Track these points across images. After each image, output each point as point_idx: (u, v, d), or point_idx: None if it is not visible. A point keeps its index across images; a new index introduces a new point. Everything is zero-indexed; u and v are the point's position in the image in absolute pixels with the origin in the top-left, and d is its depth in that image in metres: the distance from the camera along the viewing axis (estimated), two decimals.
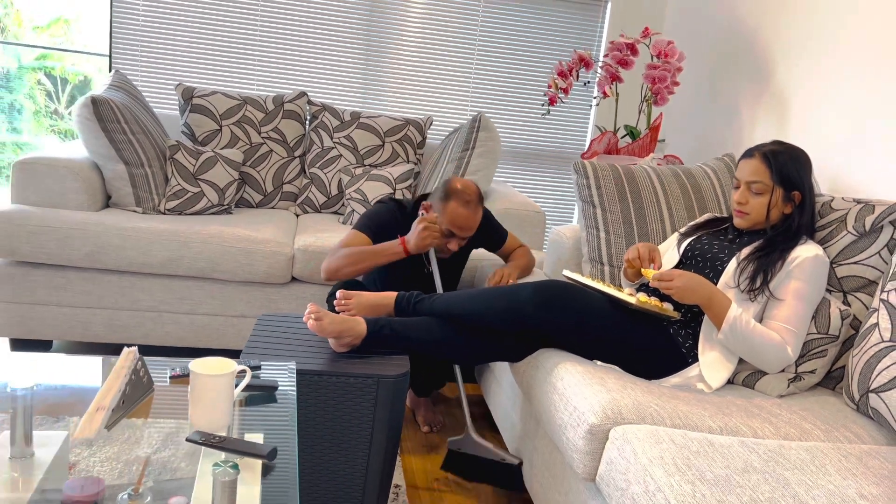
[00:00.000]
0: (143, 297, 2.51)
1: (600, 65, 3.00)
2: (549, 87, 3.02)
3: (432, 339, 1.77)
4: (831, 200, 1.88)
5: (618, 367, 1.72)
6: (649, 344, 1.72)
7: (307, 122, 3.17)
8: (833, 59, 2.33)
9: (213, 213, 2.78)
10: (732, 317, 1.64)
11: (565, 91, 3.00)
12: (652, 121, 3.00)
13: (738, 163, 1.84)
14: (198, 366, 1.16)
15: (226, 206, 2.82)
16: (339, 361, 1.67)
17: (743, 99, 2.85)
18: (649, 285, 1.88)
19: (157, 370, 1.36)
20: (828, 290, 1.80)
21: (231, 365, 1.18)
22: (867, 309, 1.74)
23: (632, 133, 3.06)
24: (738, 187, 1.82)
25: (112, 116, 2.59)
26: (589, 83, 3.58)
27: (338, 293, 1.86)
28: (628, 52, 2.91)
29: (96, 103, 2.56)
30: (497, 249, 2.40)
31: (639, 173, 2.23)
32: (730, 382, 1.76)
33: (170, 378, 1.33)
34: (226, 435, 1.11)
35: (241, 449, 1.06)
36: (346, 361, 1.68)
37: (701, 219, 2.01)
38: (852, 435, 1.51)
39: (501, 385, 2.18)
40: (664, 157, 2.91)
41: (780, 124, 2.59)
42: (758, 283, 1.69)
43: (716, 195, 2.24)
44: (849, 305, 1.76)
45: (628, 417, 1.43)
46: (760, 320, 1.72)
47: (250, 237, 2.53)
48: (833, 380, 1.77)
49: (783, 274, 1.70)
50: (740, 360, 1.74)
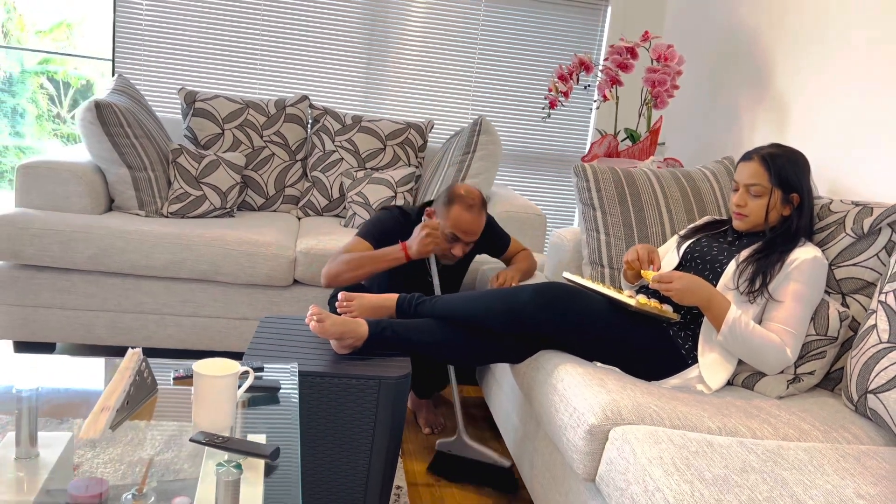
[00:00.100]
0: (145, 300, 2.53)
1: (600, 68, 3.02)
2: (550, 90, 3.04)
3: (433, 340, 1.78)
4: (830, 203, 1.89)
5: (618, 369, 1.73)
6: (649, 345, 1.73)
7: (309, 126, 3.19)
8: (832, 62, 2.34)
9: (215, 217, 2.80)
10: (732, 318, 1.65)
11: (565, 94, 3.01)
12: (652, 124, 3.01)
13: (736, 165, 1.85)
14: (201, 367, 1.17)
15: (228, 210, 2.83)
16: (340, 363, 1.68)
17: (742, 102, 2.86)
18: (649, 287, 1.89)
19: (160, 372, 1.37)
20: (826, 292, 1.81)
21: (234, 366, 1.19)
22: (865, 310, 1.75)
23: (632, 136, 3.07)
24: (736, 190, 1.83)
25: (115, 120, 2.61)
26: (589, 87, 3.60)
27: (339, 295, 1.87)
28: (628, 56, 2.93)
29: (100, 107, 2.58)
30: (500, 255, 2.40)
31: (639, 176, 2.24)
32: (729, 384, 1.77)
33: (173, 379, 1.34)
34: (229, 435, 1.12)
35: (244, 449, 1.07)
36: (348, 363, 1.69)
37: (700, 221, 2.02)
38: (851, 436, 1.51)
39: (502, 387, 2.18)
40: (664, 160, 2.92)
41: (779, 127, 2.60)
42: (757, 285, 1.70)
43: (715, 198, 2.24)
44: (847, 307, 1.77)
45: (628, 418, 1.44)
46: (760, 322, 1.73)
47: (252, 240, 2.54)
48: (832, 381, 1.78)
49: (782, 276, 1.71)
50: (740, 362, 1.74)
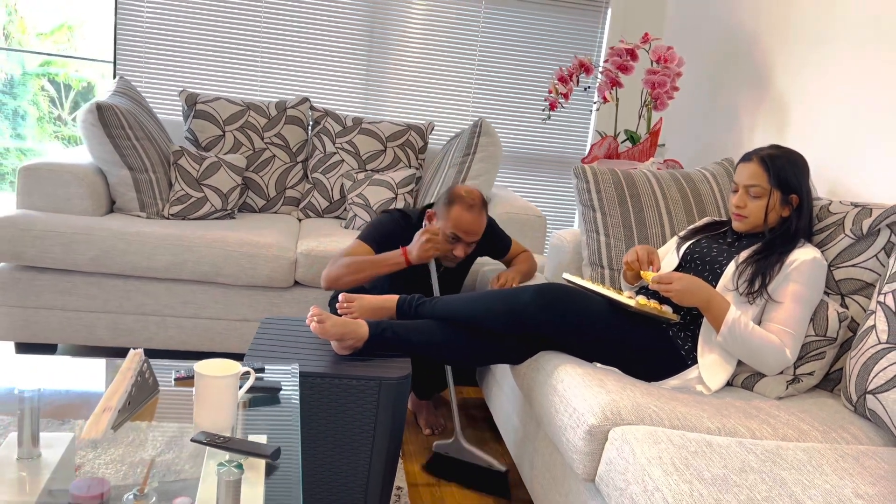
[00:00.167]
0: (147, 301, 2.53)
1: (600, 70, 3.02)
2: (550, 92, 3.04)
3: (434, 341, 1.78)
4: (829, 204, 1.90)
5: (617, 370, 1.74)
6: (648, 346, 1.73)
7: (310, 128, 3.20)
8: (832, 64, 2.35)
9: (216, 218, 2.80)
10: (731, 319, 1.65)
11: (566, 96, 3.02)
12: (652, 126, 3.01)
13: (736, 167, 1.86)
14: (202, 367, 1.17)
15: (229, 211, 2.84)
16: (341, 364, 1.69)
17: (742, 104, 2.86)
18: (648, 288, 1.90)
19: (161, 372, 1.37)
20: (826, 293, 1.81)
21: (235, 367, 1.20)
22: (864, 311, 1.75)
23: (632, 138, 3.08)
24: (736, 191, 1.84)
25: (117, 122, 2.61)
26: (589, 88, 3.60)
27: (340, 296, 1.87)
28: (628, 58, 2.93)
29: (101, 109, 2.58)
30: (502, 257, 2.41)
31: (638, 178, 2.24)
32: (729, 384, 1.77)
33: (175, 380, 1.35)
34: (230, 436, 1.12)
35: (245, 449, 1.07)
36: (349, 364, 1.69)
37: (700, 222, 2.03)
38: (850, 436, 1.52)
39: (503, 388, 2.19)
40: (664, 161, 2.92)
41: (779, 129, 2.60)
42: (756, 286, 1.70)
43: (715, 199, 2.25)
44: (846, 308, 1.77)
45: (627, 418, 1.44)
46: (759, 323, 1.73)
47: (253, 242, 2.55)
48: (831, 382, 1.78)
49: (781, 277, 1.71)
50: (739, 363, 1.75)
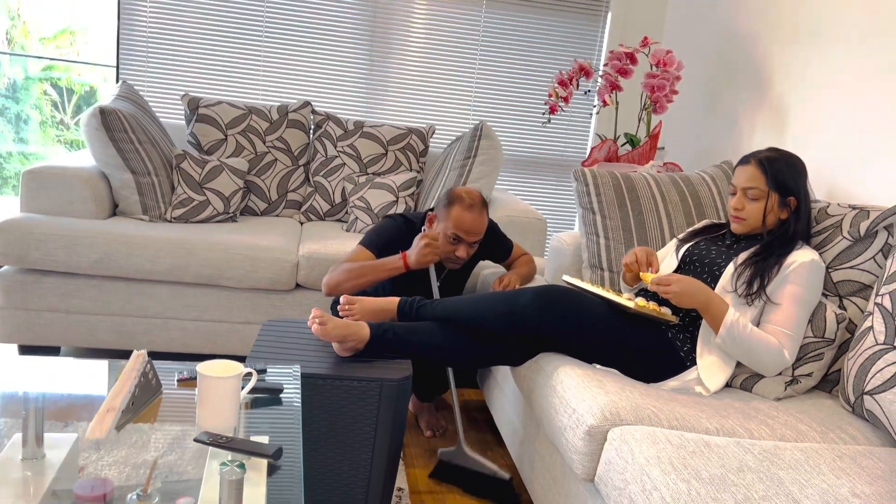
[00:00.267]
0: (149, 304, 2.55)
1: (600, 74, 3.04)
2: (550, 95, 3.05)
3: (435, 343, 1.79)
4: (827, 206, 1.91)
5: (617, 371, 1.75)
6: (648, 347, 1.74)
7: (311, 132, 3.21)
8: (830, 67, 2.36)
9: (218, 222, 2.82)
10: (730, 321, 1.66)
11: (566, 100, 3.03)
12: (651, 129, 3.03)
13: (734, 169, 1.87)
14: (205, 368, 1.19)
15: (231, 215, 2.85)
16: (342, 365, 1.70)
17: (741, 107, 2.88)
18: (647, 289, 1.91)
19: (164, 374, 1.38)
20: (824, 295, 1.82)
21: (238, 368, 1.21)
22: (862, 313, 1.76)
23: (631, 141, 3.09)
24: (734, 193, 1.85)
25: (119, 126, 2.63)
26: (589, 92, 3.62)
27: (341, 298, 1.88)
28: (628, 62, 2.95)
29: (104, 113, 2.60)
30: (503, 260, 2.41)
31: (638, 181, 2.25)
32: (728, 386, 1.78)
33: (177, 381, 1.36)
34: (232, 436, 1.13)
35: (247, 449, 1.08)
36: (350, 365, 1.70)
37: (699, 225, 2.04)
38: (847, 437, 1.53)
39: (503, 390, 2.20)
40: (663, 164, 2.94)
41: (777, 132, 2.61)
42: (755, 288, 1.71)
43: (714, 202, 2.26)
44: (844, 309, 1.78)
45: (626, 419, 1.45)
46: (758, 324, 1.74)
47: (255, 245, 2.56)
48: (829, 383, 1.79)
49: (780, 278, 1.72)
50: (738, 364, 1.76)
